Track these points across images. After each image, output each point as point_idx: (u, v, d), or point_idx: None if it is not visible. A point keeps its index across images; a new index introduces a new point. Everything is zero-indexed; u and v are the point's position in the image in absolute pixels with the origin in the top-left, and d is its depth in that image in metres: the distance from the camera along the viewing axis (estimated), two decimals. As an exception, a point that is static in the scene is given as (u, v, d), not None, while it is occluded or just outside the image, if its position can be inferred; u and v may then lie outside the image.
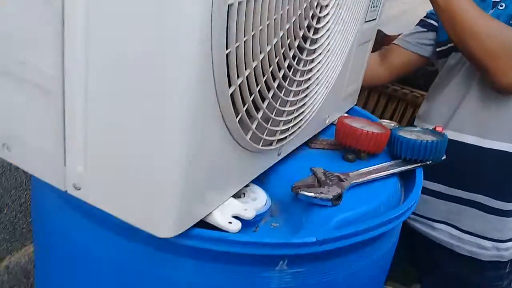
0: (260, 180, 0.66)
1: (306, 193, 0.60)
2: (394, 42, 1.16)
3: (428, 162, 0.73)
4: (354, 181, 0.66)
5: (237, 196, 0.59)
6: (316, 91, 0.66)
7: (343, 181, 0.65)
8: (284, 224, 0.61)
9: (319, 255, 0.56)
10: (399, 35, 1.21)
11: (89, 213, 0.55)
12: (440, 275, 1.13)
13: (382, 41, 1.85)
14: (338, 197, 0.61)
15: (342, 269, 0.60)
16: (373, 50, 0.97)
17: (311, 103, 0.66)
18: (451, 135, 0.98)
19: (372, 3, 0.80)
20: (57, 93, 0.45)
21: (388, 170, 0.70)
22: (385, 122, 0.85)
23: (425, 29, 1.10)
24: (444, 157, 0.75)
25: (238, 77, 0.43)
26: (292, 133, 0.64)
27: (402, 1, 1.69)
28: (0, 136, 0.52)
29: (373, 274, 0.67)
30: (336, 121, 0.80)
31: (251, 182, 0.62)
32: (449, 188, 1.01)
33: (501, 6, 0.94)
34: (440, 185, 1.02)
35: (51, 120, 0.47)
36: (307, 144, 0.80)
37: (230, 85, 0.43)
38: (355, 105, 0.97)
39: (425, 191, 1.04)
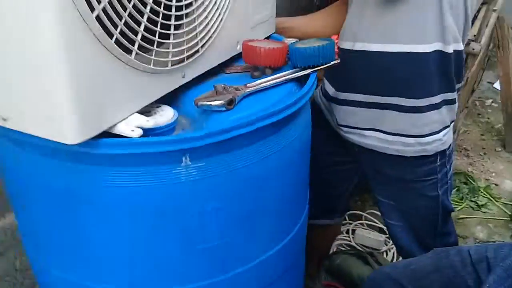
0: (175, 102, 0.78)
1: (203, 102, 0.72)
2: None
3: (320, 66, 0.84)
4: (249, 90, 0.77)
5: (147, 113, 0.71)
6: (205, 17, 0.76)
7: (239, 90, 0.76)
8: (190, 131, 0.73)
9: (217, 148, 0.68)
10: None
11: (15, 140, 0.67)
12: (383, 179, 1.25)
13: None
14: (230, 102, 0.72)
15: (244, 160, 0.72)
16: None
17: (204, 29, 0.76)
18: (360, 46, 1.08)
19: None
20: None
21: (281, 78, 0.81)
22: (289, 40, 0.96)
23: None
24: (336, 61, 0.86)
25: (99, 3, 0.54)
26: (190, 56, 0.75)
27: None
28: None
29: (281, 163, 0.79)
30: (243, 45, 0.90)
31: (163, 104, 0.74)
32: (368, 96, 1.12)
33: None
34: (360, 94, 1.12)
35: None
36: (223, 70, 0.91)
37: (92, 10, 0.54)
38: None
39: (350, 103, 1.15)
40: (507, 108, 2.68)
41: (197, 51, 0.77)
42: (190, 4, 0.71)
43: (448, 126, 1.16)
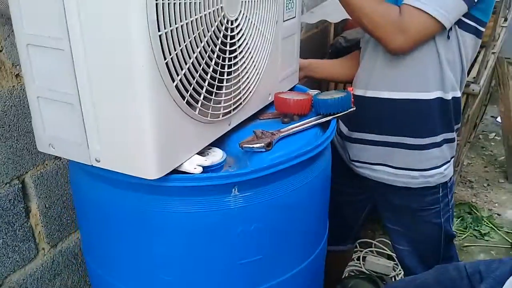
0: (222, 144, 0.97)
1: (246, 145, 0.90)
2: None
3: (339, 114, 1.02)
4: (282, 134, 0.96)
5: (202, 154, 0.89)
6: (247, 79, 0.95)
7: (274, 135, 0.95)
8: (236, 169, 0.91)
9: (259, 181, 0.86)
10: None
11: (105, 178, 0.86)
12: (391, 208, 1.42)
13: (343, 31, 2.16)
14: (269, 144, 0.91)
15: (281, 190, 0.90)
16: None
17: (245, 86, 0.96)
18: (372, 93, 1.28)
19: (287, 6, 1.09)
20: (77, 107, 0.76)
21: (308, 124, 1.00)
22: (312, 91, 1.15)
23: None
24: (352, 109, 1.04)
25: (177, 75, 0.73)
26: (234, 108, 0.94)
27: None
28: (47, 139, 0.83)
29: (309, 193, 0.96)
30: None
31: (213, 145, 0.92)
32: (380, 135, 1.30)
33: None
34: (373, 134, 1.31)
35: (77, 123, 0.77)
36: (257, 117, 1.10)
37: (173, 81, 0.73)
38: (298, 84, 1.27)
39: (362, 141, 1.34)
40: (508, 142, 2.85)
41: (240, 103, 0.96)
42: (237, 69, 0.91)
43: (449, 161, 1.33)
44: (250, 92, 0.98)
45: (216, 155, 0.91)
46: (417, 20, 1.12)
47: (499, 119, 3.19)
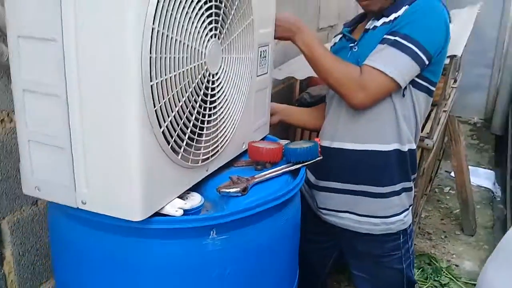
0: (199, 189, 1.02)
1: (224, 190, 0.96)
2: None
3: (308, 162, 1.10)
4: (256, 180, 1.02)
5: (181, 198, 0.94)
6: (224, 127, 1.03)
7: (249, 181, 1.01)
8: (213, 212, 0.97)
9: (236, 224, 0.91)
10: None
11: (87, 220, 0.89)
12: (356, 255, 1.49)
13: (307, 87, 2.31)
14: (244, 189, 0.97)
15: (255, 233, 0.95)
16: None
17: (223, 134, 1.03)
18: (337, 144, 1.38)
19: (260, 63, 1.19)
20: (67, 150, 0.80)
21: (280, 171, 1.07)
22: (283, 141, 1.23)
23: None
24: (320, 158, 1.12)
25: (164, 122, 0.80)
26: (213, 155, 1.01)
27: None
28: (34, 181, 0.87)
29: (281, 237, 1.02)
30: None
31: (192, 190, 0.97)
32: (344, 184, 1.39)
33: (355, 48, 1.36)
34: (337, 182, 1.40)
35: (66, 166, 0.82)
36: (232, 164, 1.16)
37: (160, 127, 0.79)
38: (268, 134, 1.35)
39: (328, 189, 1.42)
40: (461, 195, 3.01)
41: (218, 151, 1.03)
42: (216, 118, 0.98)
43: (408, 209, 1.43)
44: (227, 140, 1.05)
45: (195, 199, 0.96)
46: (376, 79, 1.24)
47: (452, 173, 3.37)
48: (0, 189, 1.09)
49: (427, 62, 1.26)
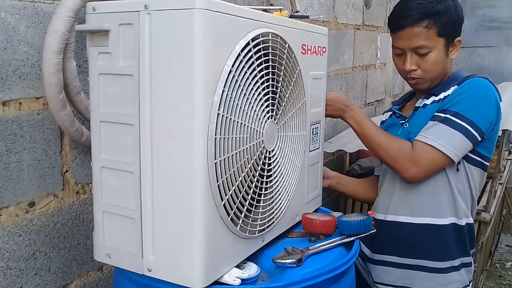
0: (255, 259, 1.06)
1: (279, 261, 1.00)
2: None
3: (362, 235, 1.12)
4: (311, 252, 1.05)
5: (238, 267, 0.98)
6: (279, 199, 1.08)
7: (304, 252, 1.04)
8: (269, 282, 1.00)
9: (291, 296, 0.94)
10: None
11: (151, 287, 0.94)
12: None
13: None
14: (299, 261, 1.00)
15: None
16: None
17: (278, 206, 1.08)
18: (392, 218, 1.39)
19: (312, 139, 1.26)
20: (138, 221, 0.88)
21: (334, 243, 1.10)
22: (336, 213, 1.26)
23: None
24: (373, 230, 1.14)
25: (225, 195, 0.86)
26: (268, 226, 1.05)
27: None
28: (105, 249, 0.94)
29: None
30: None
31: (248, 260, 1.02)
32: (400, 257, 1.38)
33: (406, 125, 1.41)
34: (393, 256, 1.39)
35: (135, 236, 0.89)
36: (286, 235, 1.20)
37: (222, 200, 0.86)
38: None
39: (385, 263, 1.41)
40: (525, 271, 2.85)
41: (273, 222, 1.07)
42: (272, 191, 1.04)
43: (468, 285, 1.39)
44: (282, 211, 1.10)
45: (252, 269, 1.00)
46: (428, 154, 1.28)
47: (514, 248, 3.23)
48: (71, 255, 1.18)
49: (479, 139, 1.28)
